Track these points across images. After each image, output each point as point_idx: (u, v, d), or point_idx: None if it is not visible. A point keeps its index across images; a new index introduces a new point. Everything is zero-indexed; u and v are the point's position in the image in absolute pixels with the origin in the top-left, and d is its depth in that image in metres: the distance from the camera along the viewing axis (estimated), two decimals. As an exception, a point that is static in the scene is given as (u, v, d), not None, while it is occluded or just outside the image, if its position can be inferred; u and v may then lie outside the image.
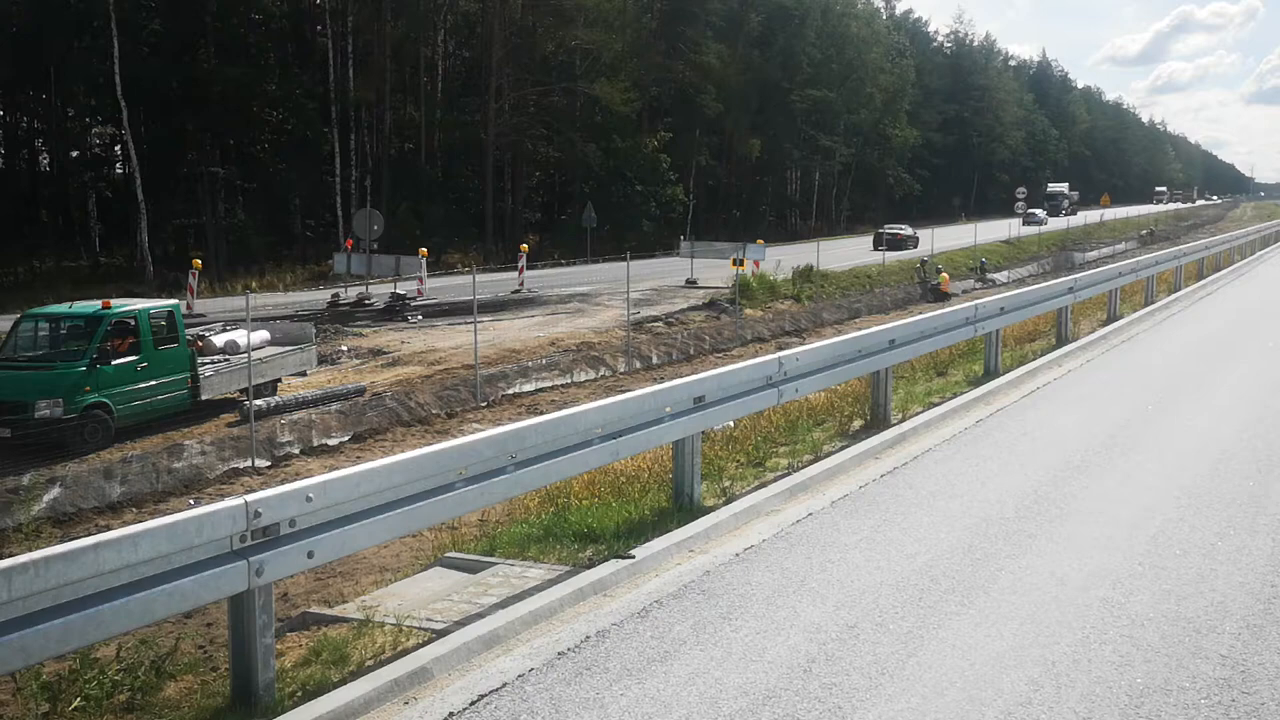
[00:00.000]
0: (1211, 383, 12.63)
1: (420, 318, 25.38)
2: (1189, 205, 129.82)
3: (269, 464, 13.70)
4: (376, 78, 43.42)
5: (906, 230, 49.69)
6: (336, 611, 6.57)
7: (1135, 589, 5.93)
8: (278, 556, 4.92)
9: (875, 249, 42.51)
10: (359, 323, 24.86)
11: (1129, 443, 9.51)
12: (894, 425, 10.33)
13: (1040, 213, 67.55)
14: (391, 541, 7.97)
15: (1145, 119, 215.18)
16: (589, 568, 6.49)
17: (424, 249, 28.14)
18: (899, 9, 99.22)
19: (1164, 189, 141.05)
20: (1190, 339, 16.60)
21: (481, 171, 46.61)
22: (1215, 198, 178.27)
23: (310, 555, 5.10)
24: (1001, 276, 41.99)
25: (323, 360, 19.48)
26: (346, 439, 15.10)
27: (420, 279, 27.62)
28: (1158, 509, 7.43)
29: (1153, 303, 20.69)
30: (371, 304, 26.98)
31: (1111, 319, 18.28)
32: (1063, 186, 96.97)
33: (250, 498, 4.84)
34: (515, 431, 6.30)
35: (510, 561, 6.84)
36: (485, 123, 46.03)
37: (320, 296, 28.50)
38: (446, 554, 7.37)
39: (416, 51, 47.22)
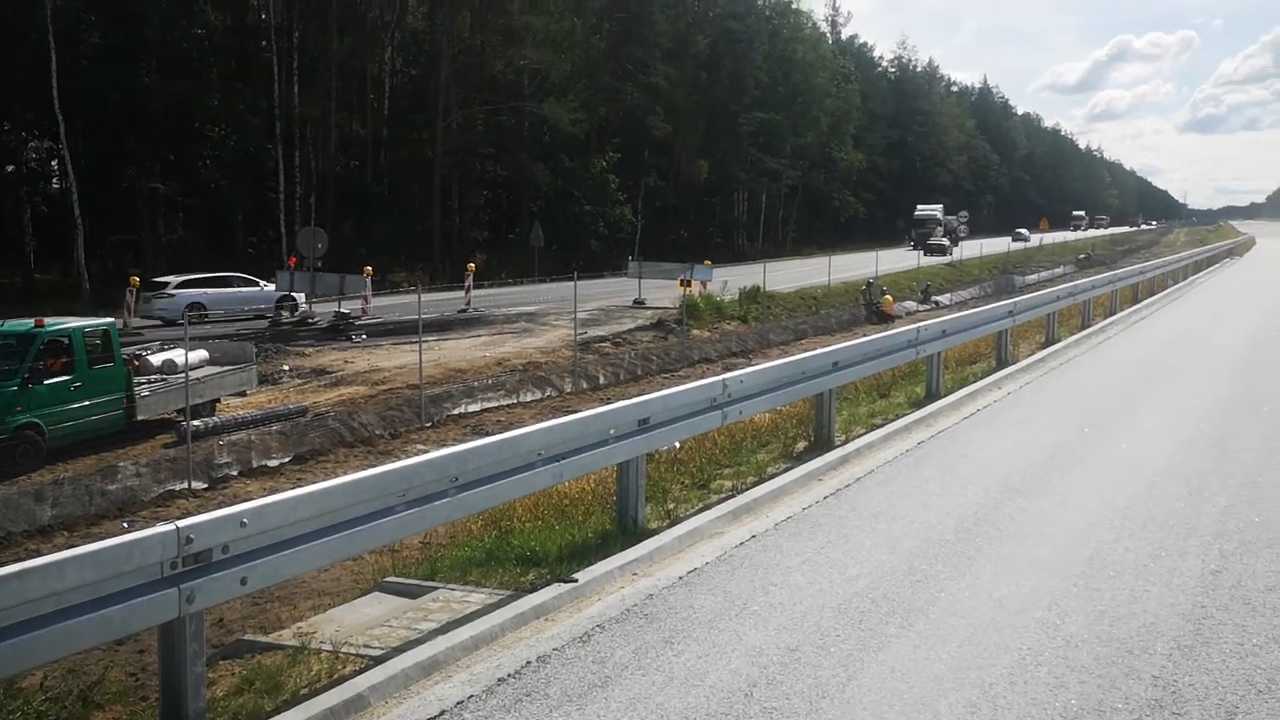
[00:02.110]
0: (1145, 406, 12.87)
1: (365, 337, 25.16)
2: (1127, 230, 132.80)
3: (206, 486, 13.45)
4: (322, 94, 43.12)
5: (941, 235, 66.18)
6: (271, 638, 6.45)
7: (1070, 610, 6.01)
8: (210, 583, 4.82)
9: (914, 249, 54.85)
10: (301, 342, 24.58)
11: (1066, 465, 9.66)
12: (837, 447, 10.40)
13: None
14: (331, 566, 7.88)
15: (1083, 145, 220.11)
16: (531, 592, 6.44)
17: (369, 267, 27.95)
18: (845, 34, 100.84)
19: (1082, 213, 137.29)
20: (1125, 362, 16.91)
21: (429, 190, 46.40)
22: (1154, 223, 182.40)
23: (244, 582, 5.00)
24: (945, 299, 42.55)
25: (263, 380, 19.21)
26: (287, 460, 14.88)
27: (365, 298, 27.42)
28: (1093, 531, 7.54)
29: (1089, 326, 21.07)
30: (315, 323, 26.70)
31: (1050, 342, 18.57)
32: (936, 209, 79.25)
33: (182, 523, 4.74)
34: (457, 454, 6.25)
35: (451, 586, 6.77)
36: (433, 141, 45.89)
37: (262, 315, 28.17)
38: (386, 578, 7.28)
39: (363, 68, 47.01)
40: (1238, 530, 7.49)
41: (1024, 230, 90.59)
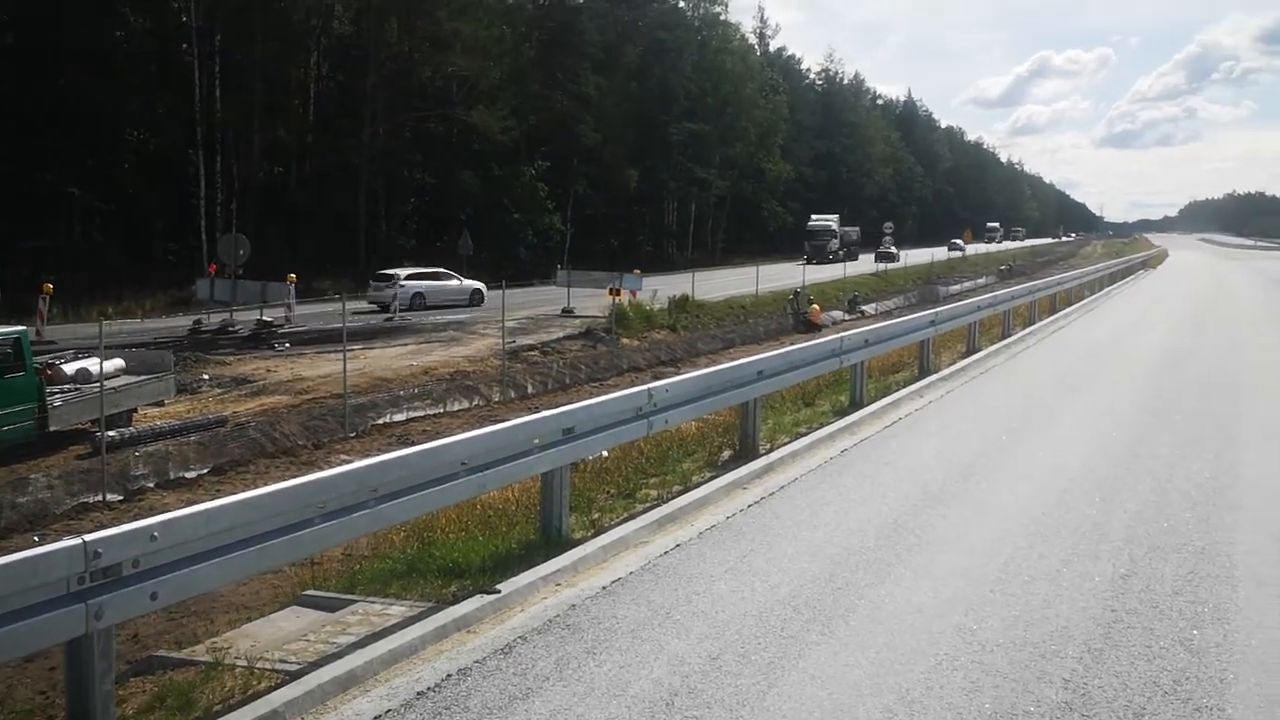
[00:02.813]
0: (1061, 414, 13.18)
1: (288, 345, 24.76)
2: (1047, 241, 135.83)
3: (121, 499, 13.13)
4: (245, 99, 42.39)
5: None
6: (185, 654, 6.31)
7: (986, 616, 6.12)
8: (119, 599, 4.71)
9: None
10: (222, 350, 24.10)
11: (984, 472, 9.84)
12: (762, 455, 10.48)
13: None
14: (248, 580, 7.75)
15: (1004, 158, 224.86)
16: (453, 604, 6.38)
17: (292, 275, 27.47)
18: (773, 46, 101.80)
19: (996, 224, 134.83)
20: (1043, 371, 17.30)
21: (355, 197, 45.85)
22: (1073, 235, 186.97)
23: (154, 597, 4.89)
24: (871, 308, 43.14)
25: (182, 389, 18.80)
26: (206, 471, 14.58)
27: (288, 306, 26.97)
28: (1009, 537, 7.69)
29: (1009, 336, 21.52)
30: (236, 331, 26.21)
31: (971, 351, 18.93)
32: (830, 220, 74.31)
33: (90, 537, 4.62)
34: (377, 465, 6.18)
35: (371, 599, 6.69)
36: (359, 148, 45.37)
37: (181, 323, 27.59)
38: (305, 592, 7.17)
39: (288, 73, 46.31)
40: (1147, 535, 7.69)
41: (959, 241, 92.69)
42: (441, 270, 37.05)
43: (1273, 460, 10.30)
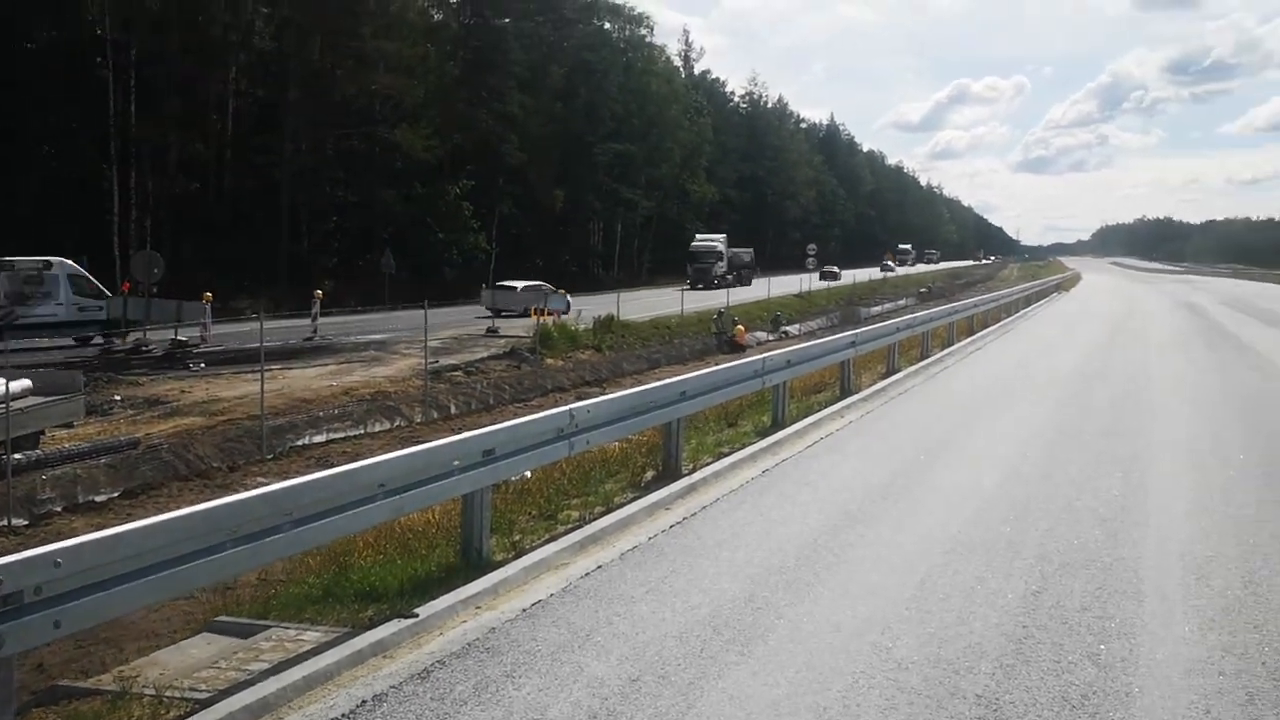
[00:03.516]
0: (977, 433, 13.44)
1: (203, 366, 24.25)
2: (967, 264, 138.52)
3: (27, 524, 12.71)
4: (161, 114, 41.56)
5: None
6: (91, 683, 6.12)
7: (902, 634, 6.20)
8: (19, 627, 4.55)
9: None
10: (135, 371, 23.51)
11: (902, 492, 9.99)
12: (685, 476, 10.50)
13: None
14: (159, 606, 7.55)
15: (924, 182, 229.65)
16: (370, 628, 6.28)
17: (209, 294, 26.95)
18: (697, 69, 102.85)
19: (908, 247, 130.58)
20: (960, 392, 17.64)
21: (275, 214, 45.16)
22: (992, 258, 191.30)
23: (57, 625, 4.74)
24: (794, 329, 43.63)
25: (92, 410, 18.27)
26: (117, 495, 14.20)
27: (204, 325, 26.44)
28: (926, 556, 7.80)
29: (928, 357, 21.90)
30: (149, 351, 25.59)
31: (891, 372, 19.22)
32: (717, 240, 68.12)
33: (-12, 564, 4.47)
34: (291, 488, 6.07)
35: (285, 624, 6.56)
36: (280, 164, 44.72)
37: (93, 343, 26.87)
38: (216, 618, 7.00)
39: (206, 88, 45.53)
40: (1058, 553, 7.86)
41: (890, 262, 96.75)
42: (542, 283, 41.73)
43: (1178, 478, 10.61)
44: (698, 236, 70.51)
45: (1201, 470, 10.95)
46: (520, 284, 41.29)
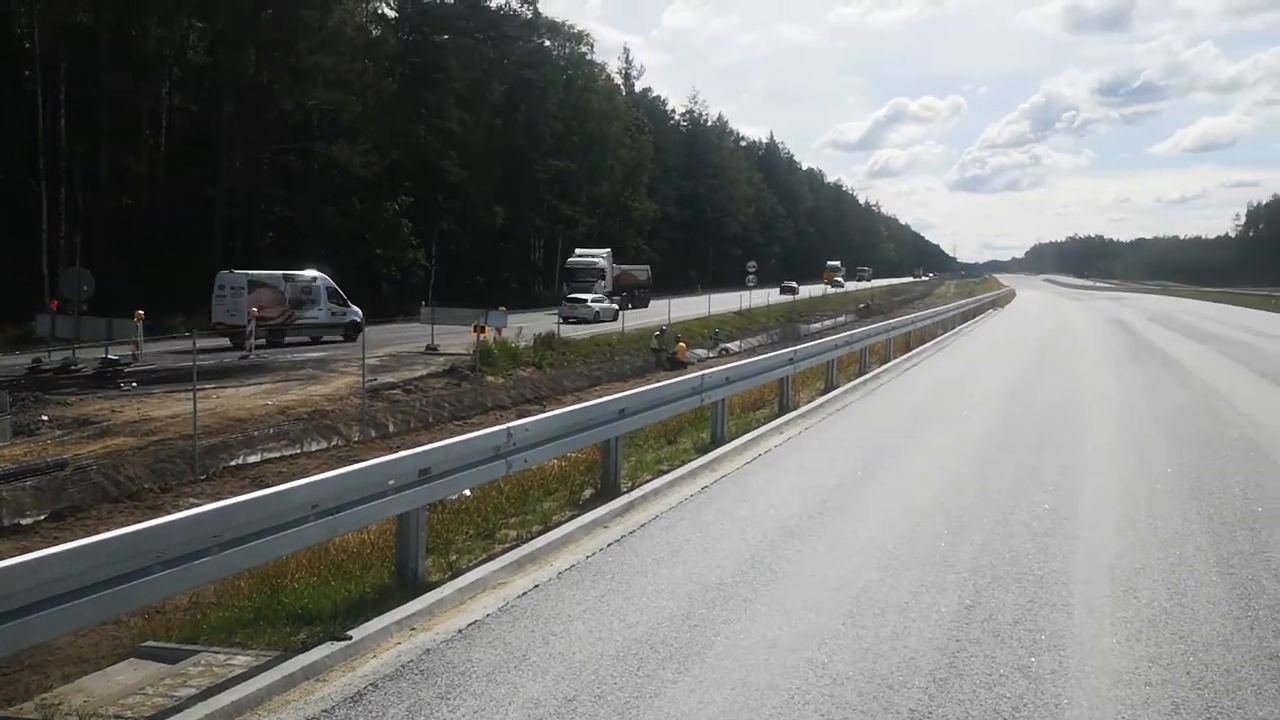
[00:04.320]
0: (914, 449, 13.60)
1: (135, 385, 23.73)
2: (904, 281, 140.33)
3: (-52, 548, 12.33)
4: (92, 128, 40.78)
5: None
6: (13, 711, 5.94)
7: (838, 649, 6.24)
8: (-67, 657, 4.41)
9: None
10: (64, 390, 22.96)
11: (839, 507, 10.07)
12: (624, 493, 10.49)
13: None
14: (85, 631, 7.37)
15: (862, 200, 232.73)
16: (302, 651, 6.18)
17: (140, 311, 26.43)
18: (638, 87, 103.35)
19: (837, 263, 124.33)
20: (897, 407, 17.84)
21: (210, 231, 44.45)
22: (930, 275, 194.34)
23: (-26, 653, 4.60)
24: (734, 346, 43.88)
25: (19, 431, 17.83)
26: (44, 518, 13.86)
27: (136, 343, 25.91)
28: (862, 571, 7.87)
29: (866, 373, 22.13)
30: (79, 370, 25.01)
31: (829, 388, 19.39)
32: (597, 256, 59.79)
33: (-101, 593, 4.32)
34: (221, 510, 5.95)
35: (215, 649, 6.42)
36: (214, 180, 44.07)
37: (20, 361, 26.21)
38: (144, 643, 6.84)
39: (139, 103, 44.77)
40: (990, 566, 7.97)
41: (839, 278, 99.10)
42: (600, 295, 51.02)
43: (1107, 492, 10.81)
44: (576, 251, 61.50)
45: (1130, 484, 11.17)
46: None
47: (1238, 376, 22.77)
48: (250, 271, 33.97)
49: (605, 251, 60.75)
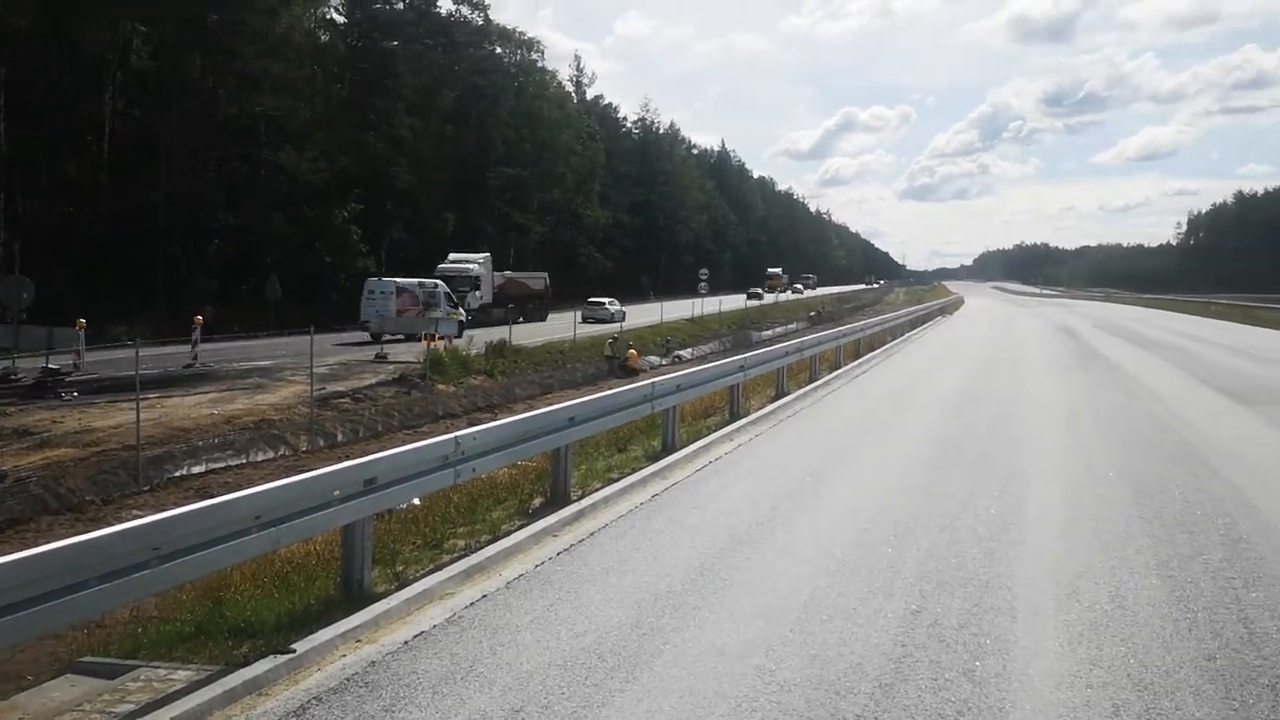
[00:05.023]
0: (862, 455, 13.71)
1: (76, 395, 23.27)
2: (855, 288, 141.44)
3: (-122, 563, 11.99)
4: (33, 134, 40.01)
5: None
6: (-58, 733, 5.79)
7: (785, 656, 6.26)
8: None
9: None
10: (2, 401, 22.45)
11: (789, 514, 10.11)
12: (574, 502, 10.46)
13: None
14: (20, 647, 7.19)
15: (813, 208, 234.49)
16: (244, 666, 6.08)
17: (82, 320, 25.94)
18: (589, 94, 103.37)
19: (778, 270, 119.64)
20: (846, 414, 17.96)
21: (153, 238, 43.76)
22: (880, 282, 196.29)
23: (-100, 673, 4.47)
24: (686, 353, 43.96)
25: (-45, 443, 17.42)
26: (-21, 531, 13.52)
27: (77, 352, 25.43)
28: (810, 577, 7.90)
29: (816, 380, 22.27)
30: (18, 379, 24.47)
31: (780, 395, 19.48)
32: (472, 262, 52.06)
33: None
34: (160, 522, 5.85)
35: (155, 664, 6.30)
36: (158, 187, 43.40)
37: (-43, 371, 25.58)
38: (81, 659, 6.70)
39: (81, 108, 43.98)
40: (936, 571, 8.04)
41: (800, 285, 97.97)
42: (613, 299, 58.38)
43: (1051, 496, 10.96)
44: (450, 256, 53.12)
45: (1074, 488, 11.33)
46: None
47: (1177, 382, 23.22)
48: (396, 279, 41.44)
49: (482, 257, 53.96)
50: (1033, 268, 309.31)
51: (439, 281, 43.16)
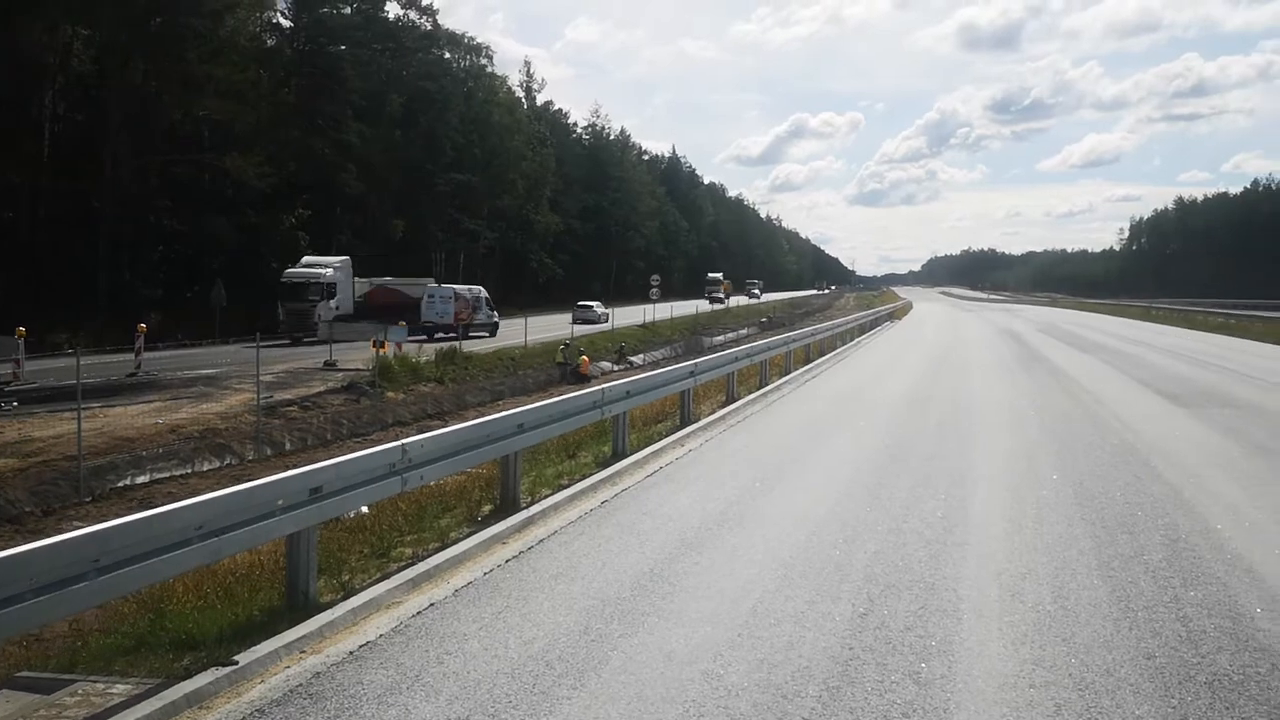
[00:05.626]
0: (812, 459, 13.79)
1: (16, 404, 22.79)
2: (806, 293, 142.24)
3: None
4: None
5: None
6: None
7: (733, 660, 6.27)
8: None
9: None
10: (-62, 410, 21.94)
11: (738, 519, 10.14)
12: (523, 509, 10.41)
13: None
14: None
15: (764, 214, 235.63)
16: (185, 678, 5.97)
17: (21, 328, 25.41)
18: (540, 100, 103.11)
19: (719, 275, 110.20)
20: (796, 418, 18.07)
21: (95, 244, 42.97)
22: (831, 287, 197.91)
23: None
24: (638, 359, 43.99)
25: (-113, 454, 16.99)
26: (-87, 545, 13.18)
27: (17, 361, 24.91)
28: (759, 581, 7.93)
29: (766, 385, 22.39)
30: (-45, 389, 23.94)
31: (730, 400, 19.57)
32: (326, 267, 45.94)
33: None
34: (97, 533, 5.73)
35: (93, 678, 6.18)
36: (100, 192, 42.65)
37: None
38: (18, 673, 6.55)
39: (21, 112, 43.13)
40: (883, 574, 8.11)
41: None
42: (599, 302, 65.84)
43: (995, 499, 11.09)
44: (303, 260, 46.98)
45: (1018, 491, 11.48)
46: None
47: (1118, 384, 23.64)
48: (453, 286, 50.55)
49: (340, 260, 47.85)
50: (980, 272, 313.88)
51: (482, 289, 52.13)
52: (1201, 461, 13.33)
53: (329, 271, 45.59)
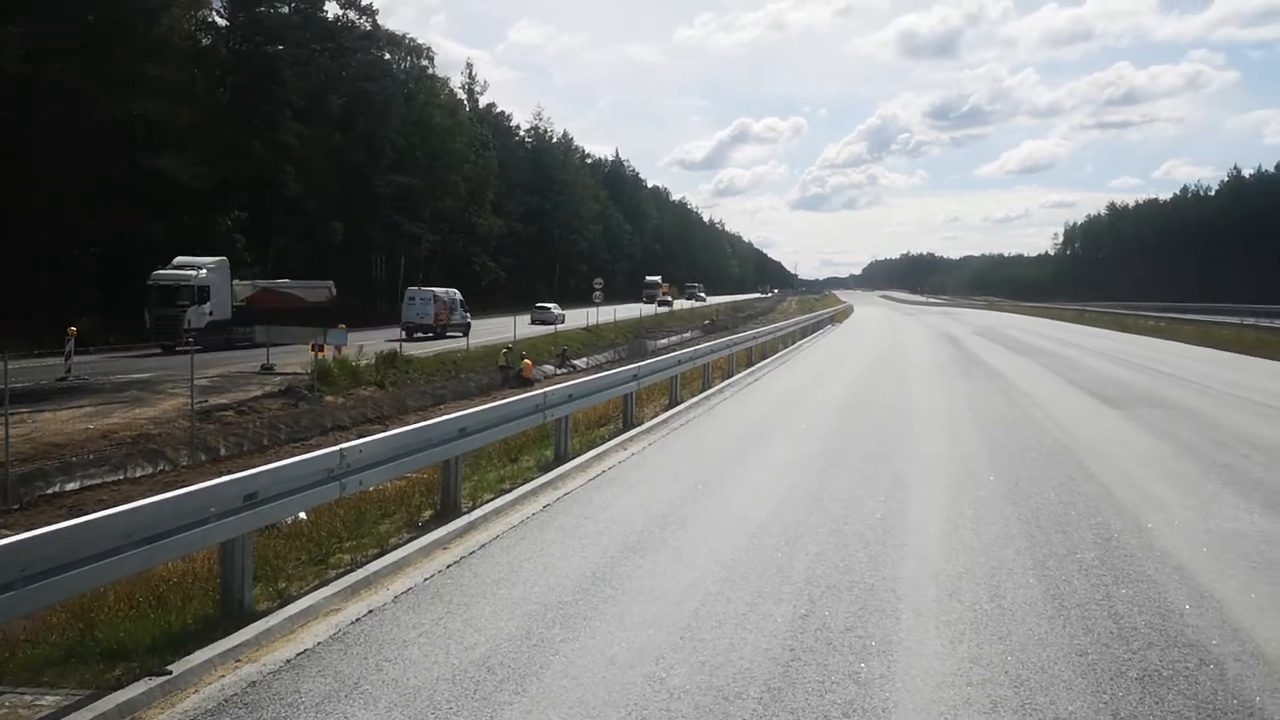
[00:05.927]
0: (753, 462, 13.86)
1: (-60, 410, 22.18)
2: (749, 297, 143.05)
3: None
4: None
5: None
6: None
7: (676, 663, 6.28)
8: None
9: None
10: None
11: (680, 521, 10.15)
12: (465, 514, 10.34)
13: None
14: None
15: (707, 218, 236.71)
16: (116, 689, 5.84)
17: (-53, 332, 24.73)
18: (482, 102, 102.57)
19: (658, 278, 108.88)
20: (739, 421, 18.16)
21: (21, 247, 41.89)
22: (775, 291, 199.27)
23: None
24: (581, 362, 43.95)
25: None
26: None
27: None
28: (701, 584, 7.95)
29: (709, 388, 22.48)
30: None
31: (673, 403, 19.60)
32: (199, 269, 41.75)
33: None
34: (22, 542, 5.59)
35: (20, 690, 6.01)
36: (26, 193, 41.60)
37: None
38: (-60, 688, 6.35)
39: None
40: (824, 576, 8.17)
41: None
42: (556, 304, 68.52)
43: (934, 500, 11.23)
44: (175, 260, 42.38)
45: (955, 492, 11.63)
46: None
47: (1053, 387, 24.07)
48: (432, 288, 54.18)
49: (214, 261, 43.07)
50: (919, 276, 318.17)
51: (457, 291, 55.31)
52: (1133, 462, 13.61)
53: (201, 273, 41.33)
